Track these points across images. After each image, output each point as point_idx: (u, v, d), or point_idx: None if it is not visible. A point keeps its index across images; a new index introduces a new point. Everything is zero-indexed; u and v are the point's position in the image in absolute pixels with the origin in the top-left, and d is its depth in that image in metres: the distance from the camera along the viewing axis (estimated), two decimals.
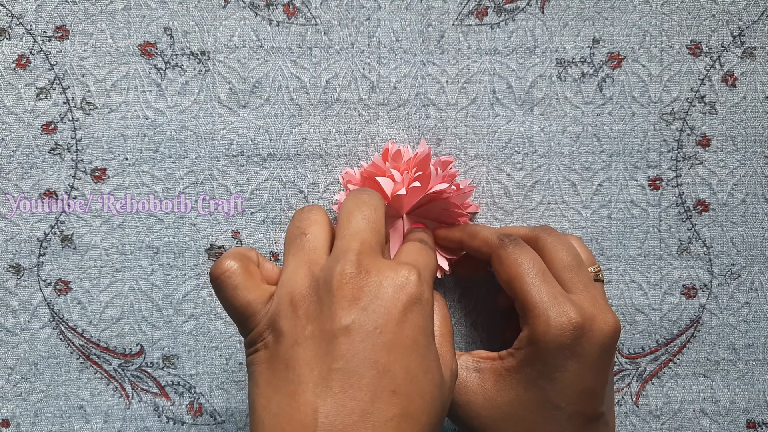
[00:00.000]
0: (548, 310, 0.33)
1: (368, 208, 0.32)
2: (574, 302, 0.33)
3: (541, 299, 0.33)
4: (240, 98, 0.41)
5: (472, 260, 0.40)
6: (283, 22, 0.41)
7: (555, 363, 0.33)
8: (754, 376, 0.43)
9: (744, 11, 0.42)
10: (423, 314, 0.29)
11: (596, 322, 0.33)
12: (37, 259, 0.41)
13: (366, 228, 0.31)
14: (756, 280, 0.43)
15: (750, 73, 0.42)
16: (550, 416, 0.33)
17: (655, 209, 0.42)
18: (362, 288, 0.28)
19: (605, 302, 0.35)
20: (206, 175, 0.41)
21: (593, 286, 0.35)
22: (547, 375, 0.33)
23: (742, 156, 0.42)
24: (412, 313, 0.29)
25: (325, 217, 0.32)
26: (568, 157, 0.42)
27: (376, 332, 0.28)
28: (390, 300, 0.28)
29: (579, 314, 0.33)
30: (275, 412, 0.27)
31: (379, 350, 0.27)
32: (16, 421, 0.42)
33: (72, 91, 0.41)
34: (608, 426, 0.35)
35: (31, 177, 0.41)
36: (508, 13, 0.42)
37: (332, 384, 0.27)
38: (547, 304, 0.33)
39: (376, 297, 0.28)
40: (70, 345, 0.42)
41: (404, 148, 0.40)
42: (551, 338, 0.33)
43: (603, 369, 0.33)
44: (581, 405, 0.33)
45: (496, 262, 0.36)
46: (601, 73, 0.42)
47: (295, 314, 0.29)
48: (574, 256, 0.36)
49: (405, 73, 0.42)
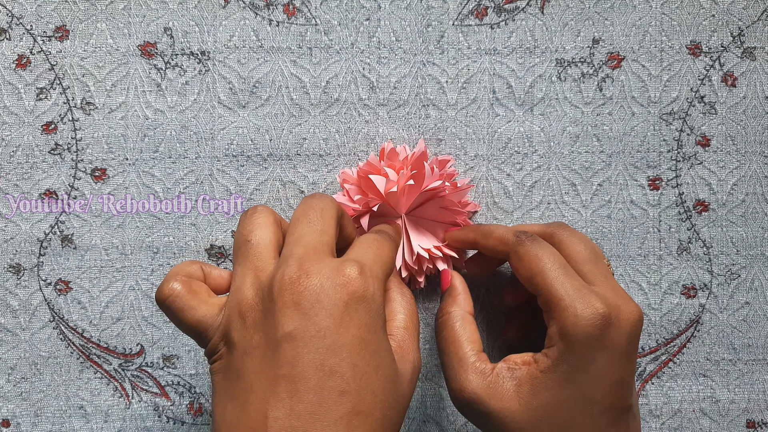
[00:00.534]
0: (575, 302, 0.32)
1: (314, 211, 0.32)
2: (598, 294, 0.33)
3: (567, 292, 0.33)
4: (240, 98, 0.41)
5: (484, 258, 0.40)
6: (283, 22, 0.41)
7: (587, 356, 0.32)
8: (754, 376, 0.43)
9: (744, 11, 0.42)
10: (369, 311, 0.29)
11: (621, 311, 0.33)
12: (37, 259, 0.41)
13: (309, 231, 0.31)
14: (756, 280, 0.43)
15: (750, 73, 0.42)
16: (586, 412, 0.33)
17: (655, 209, 0.42)
18: (302, 293, 0.28)
19: (625, 293, 0.34)
20: (206, 175, 0.41)
21: (612, 277, 0.35)
22: (581, 369, 0.32)
23: (742, 156, 0.42)
24: (357, 311, 0.29)
25: (270, 218, 0.32)
26: (568, 157, 0.42)
27: (319, 335, 0.28)
28: (332, 301, 0.28)
29: (605, 305, 0.32)
30: (229, 421, 0.28)
31: (324, 353, 0.28)
32: (16, 421, 0.42)
33: (72, 91, 0.41)
34: (636, 418, 0.34)
35: (31, 177, 0.41)
36: (508, 13, 0.42)
37: (279, 390, 0.27)
38: (573, 296, 0.33)
39: (318, 300, 0.28)
40: (70, 345, 0.42)
41: (401, 147, 0.40)
42: (581, 330, 0.32)
43: (631, 358, 0.33)
44: (614, 397, 0.33)
45: (515, 259, 0.35)
46: (601, 73, 0.42)
47: (243, 324, 0.29)
48: (592, 249, 0.36)
49: (405, 73, 0.42)
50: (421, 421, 0.42)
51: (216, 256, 0.42)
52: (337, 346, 0.28)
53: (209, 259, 0.42)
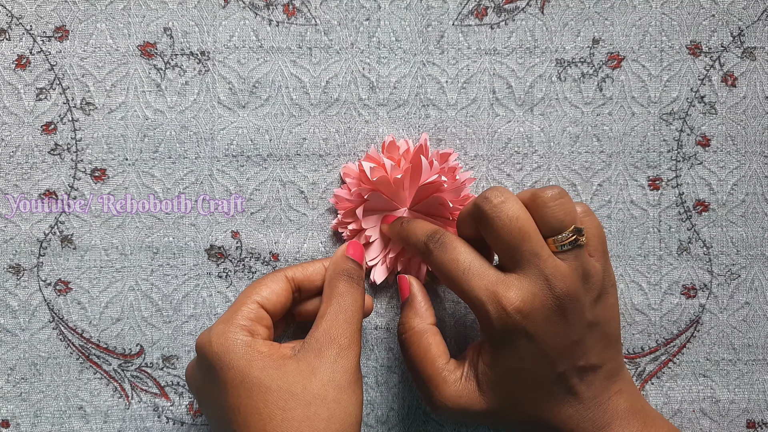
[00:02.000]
0: (486, 305, 0.33)
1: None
2: (511, 285, 0.33)
3: (477, 297, 0.34)
4: (240, 98, 0.41)
5: (468, 222, 0.37)
6: (283, 22, 0.41)
7: (515, 342, 0.34)
8: (754, 376, 0.43)
9: (744, 11, 0.42)
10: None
11: (536, 297, 0.33)
12: (37, 259, 0.41)
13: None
14: (756, 280, 0.43)
15: (750, 73, 0.42)
16: (538, 386, 0.34)
17: (655, 209, 0.42)
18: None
19: (552, 266, 0.33)
20: (206, 175, 0.41)
21: (545, 253, 0.34)
22: (516, 355, 0.34)
23: (742, 156, 0.42)
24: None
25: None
26: (567, 157, 0.42)
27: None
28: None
29: (517, 298, 0.33)
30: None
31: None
32: (16, 422, 0.42)
33: (72, 91, 0.41)
34: (614, 374, 0.36)
35: (31, 177, 0.41)
36: (507, 13, 0.42)
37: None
38: (483, 299, 0.33)
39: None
40: (69, 345, 0.42)
41: (403, 141, 0.40)
42: (499, 329, 0.33)
43: (562, 328, 0.34)
44: (562, 365, 0.34)
45: (431, 267, 0.36)
46: (601, 73, 0.42)
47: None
48: (558, 223, 0.34)
49: (405, 73, 0.41)
50: (422, 421, 0.42)
51: (216, 257, 0.42)
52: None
53: (209, 260, 0.42)
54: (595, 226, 0.35)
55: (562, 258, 0.33)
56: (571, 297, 0.33)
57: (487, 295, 0.33)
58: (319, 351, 0.33)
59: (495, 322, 0.33)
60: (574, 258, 0.34)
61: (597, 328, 0.35)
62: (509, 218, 0.33)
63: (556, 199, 0.33)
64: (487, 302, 0.33)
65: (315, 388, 0.32)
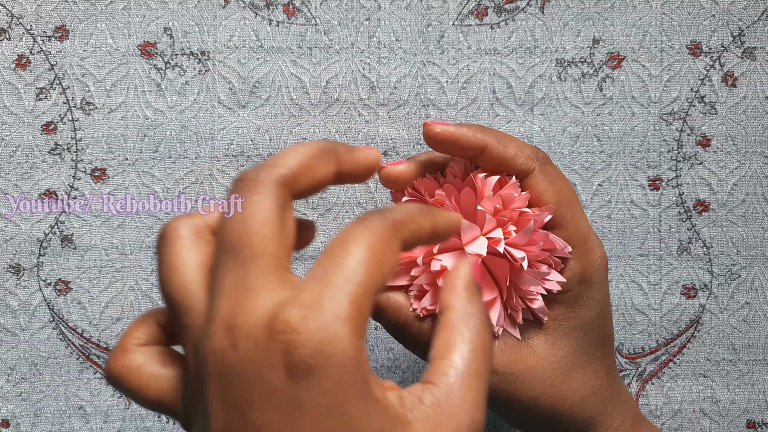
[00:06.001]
0: (595, 245, 0.30)
1: (236, 233, 0.23)
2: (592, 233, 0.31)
3: (590, 231, 0.30)
4: (240, 98, 0.41)
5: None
6: (283, 22, 0.41)
7: (598, 296, 0.31)
8: (754, 376, 0.43)
9: (744, 11, 0.42)
10: (332, 382, 0.19)
11: (600, 252, 0.31)
12: (37, 259, 0.41)
13: (234, 267, 0.22)
14: (756, 280, 0.43)
15: (750, 73, 0.42)
16: (608, 351, 0.31)
17: (655, 209, 0.42)
18: (229, 374, 0.20)
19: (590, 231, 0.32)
20: (206, 175, 0.41)
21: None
22: (586, 305, 0.30)
23: (742, 156, 0.42)
24: (308, 391, 0.19)
25: (191, 227, 0.25)
26: (568, 157, 0.42)
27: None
28: (267, 384, 0.19)
29: (600, 246, 0.31)
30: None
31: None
32: (16, 422, 0.42)
33: (72, 91, 0.41)
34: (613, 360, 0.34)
35: (31, 177, 0.41)
36: (508, 13, 0.42)
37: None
38: (593, 237, 0.30)
39: (247, 383, 0.20)
40: (69, 345, 0.42)
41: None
42: (598, 275, 0.30)
43: (604, 289, 0.32)
44: (610, 329, 0.32)
45: (535, 180, 0.29)
46: (601, 73, 0.42)
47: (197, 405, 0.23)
48: (569, 189, 0.31)
49: (405, 73, 0.42)
50: None
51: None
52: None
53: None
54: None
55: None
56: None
57: (594, 237, 0.31)
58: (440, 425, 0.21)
59: (599, 263, 0.30)
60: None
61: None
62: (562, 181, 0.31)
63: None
64: (596, 242, 0.30)
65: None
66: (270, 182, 0.22)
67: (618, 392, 0.32)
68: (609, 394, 0.32)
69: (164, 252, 0.23)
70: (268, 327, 0.19)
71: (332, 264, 0.20)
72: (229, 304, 0.20)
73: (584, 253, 0.30)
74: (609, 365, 0.32)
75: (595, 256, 0.30)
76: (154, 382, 0.23)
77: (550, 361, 0.30)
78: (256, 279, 0.20)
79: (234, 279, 0.20)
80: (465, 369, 0.21)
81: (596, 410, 0.31)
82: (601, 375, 0.32)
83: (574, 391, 0.31)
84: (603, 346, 0.32)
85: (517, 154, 0.29)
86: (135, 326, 0.24)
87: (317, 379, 0.19)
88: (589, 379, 0.31)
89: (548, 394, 0.30)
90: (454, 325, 0.23)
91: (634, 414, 0.33)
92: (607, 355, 0.32)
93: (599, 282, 0.31)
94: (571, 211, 0.30)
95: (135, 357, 0.23)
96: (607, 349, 0.32)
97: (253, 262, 0.20)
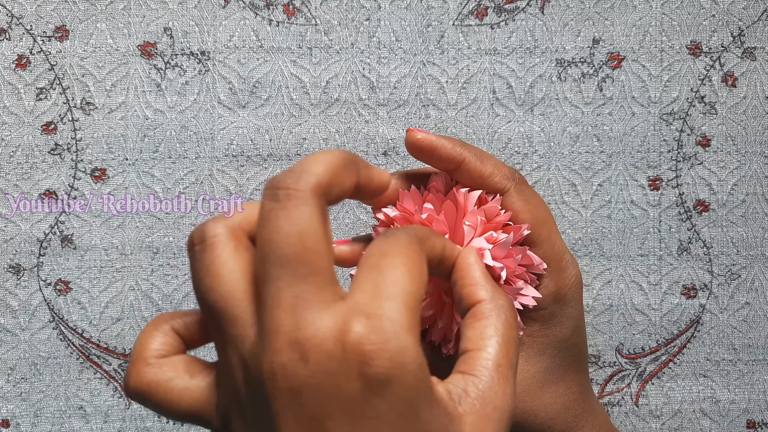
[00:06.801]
0: (569, 263, 0.30)
1: (287, 245, 0.21)
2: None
3: (564, 250, 0.30)
4: (240, 98, 0.41)
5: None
6: (283, 22, 0.41)
7: (572, 313, 0.31)
8: (754, 376, 0.43)
9: (744, 11, 0.42)
10: (404, 390, 0.20)
11: (576, 273, 0.32)
12: (37, 259, 0.41)
13: (290, 281, 0.21)
14: (756, 280, 0.43)
15: (750, 73, 0.42)
16: (581, 367, 0.32)
17: (655, 209, 0.42)
18: (301, 390, 0.20)
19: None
20: (206, 175, 0.41)
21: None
22: (561, 323, 0.31)
23: (742, 156, 0.42)
24: (383, 400, 0.19)
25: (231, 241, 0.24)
26: (568, 157, 0.42)
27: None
28: (342, 398, 0.20)
29: (574, 265, 0.31)
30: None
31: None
32: (16, 422, 0.42)
33: (72, 91, 0.41)
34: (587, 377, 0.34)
35: (31, 177, 0.41)
36: (508, 13, 0.42)
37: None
38: (568, 256, 0.30)
39: (324, 394, 0.20)
40: (70, 345, 0.42)
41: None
42: (572, 293, 0.30)
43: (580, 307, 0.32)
44: (583, 346, 0.32)
45: (511, 200, 0.29)
46: (601, 74, 0.42)
47: (245, 423, 0.23)
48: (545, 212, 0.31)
49: (405, 73, 0.42)
50: None
51: None
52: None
53: None
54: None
55: None
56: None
57: (569, 255, 0.31)
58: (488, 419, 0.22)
59: (575, 284, 0.30)
60: None
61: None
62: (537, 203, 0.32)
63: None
64: (570, 261, 0.30)
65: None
66: (310, 192, 0.21)
67: (590, 407, 0.33)
68: (581, 409, 0.32)
69: (205, 258, 0.22)
70: (340, 339, 0.19)
71: (380, 276, 0.21)
72: (292, 319, 0.20)
73: (559, 271, 0.30)
74: (582, 381, 0.33)
75: (570, 274, 0.31)
76: (186, 395, 0.23)
77: (523, 377, 0.31)
78: (315, 294, 0.20)
79: (293, 293, 0.20)
80: (502, 360, 0.23)
81: (568, 425, 0.32)
82: (573, 391, 0.32)
83: (546, 406, 0.31)
84: (576, 363, 0.33)
85: (494, 172, 0.29)
86: (149, 336, 0.23)
87: (394, 388, 0.19)
88: (561, 394, 0.32)
89: (520, 408, 0.31)
90: (487, 317, 0.24)
91: (606, 428, 0.34)
92: (580, 371, 0.33)
93: (573, 300, 0.31)
94: (546, 230, 0.30)
95: (162, 371, 0.23)
96: (581, 366, 0.33)
97: (311, 277, 0.20)
